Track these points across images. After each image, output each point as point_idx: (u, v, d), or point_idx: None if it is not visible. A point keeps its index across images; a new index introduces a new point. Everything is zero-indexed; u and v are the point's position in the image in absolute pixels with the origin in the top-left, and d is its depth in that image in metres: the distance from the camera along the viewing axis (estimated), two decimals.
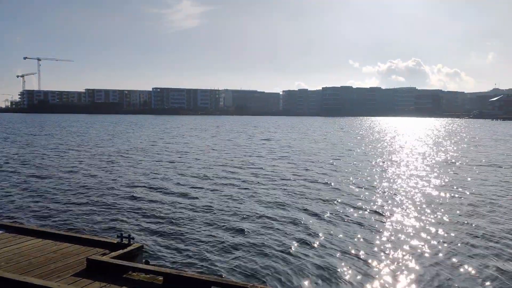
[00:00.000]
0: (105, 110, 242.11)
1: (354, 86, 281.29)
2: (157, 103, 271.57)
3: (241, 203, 16.51)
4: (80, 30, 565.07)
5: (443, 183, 21.49)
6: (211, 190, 19.17)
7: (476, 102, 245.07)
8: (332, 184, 21.06)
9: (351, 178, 22.91)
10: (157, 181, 21.56)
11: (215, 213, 14.82)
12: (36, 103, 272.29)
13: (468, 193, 18.91)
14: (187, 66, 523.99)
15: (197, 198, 17.52)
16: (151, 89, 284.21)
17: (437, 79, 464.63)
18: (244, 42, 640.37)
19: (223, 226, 13.23)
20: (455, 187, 20.25)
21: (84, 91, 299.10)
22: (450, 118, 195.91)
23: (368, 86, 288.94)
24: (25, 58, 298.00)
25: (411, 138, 61.98)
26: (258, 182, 21.48)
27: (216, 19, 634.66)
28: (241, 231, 12.63)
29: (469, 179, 23.10)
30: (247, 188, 19.76)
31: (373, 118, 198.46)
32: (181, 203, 16.50)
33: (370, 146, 45.78)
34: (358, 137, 61.79)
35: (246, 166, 28.07)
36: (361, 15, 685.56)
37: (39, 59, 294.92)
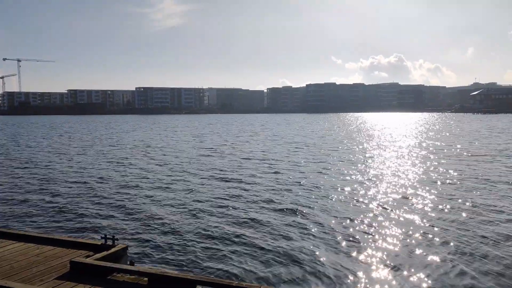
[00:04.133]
0: (89, 110, 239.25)
1: (337, 83, 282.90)
2: (141, 103, 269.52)
3: (231, 203, 16.51)
4: (61, 30, 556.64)
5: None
6: (200, 189, 19.13)
7: (457, 96, 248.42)
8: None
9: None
10: (142, 181, 21.41)
11: (203, 213, 14.80)
12: (17, 104, 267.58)
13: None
14: (171, 65, 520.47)
15: (186, 198, 17.46)
16: (134, 89, 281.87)
17: (419, 74, 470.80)
18: (228, 40, 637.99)
19: (210, 225, 13.22)
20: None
21: (66, 92, 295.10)
22: (432, 113, 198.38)
23: (351, 83, 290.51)
24: (4, 59, 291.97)
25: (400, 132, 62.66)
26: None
27: (198, 17, 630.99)
28: (229, 231, 12.64)
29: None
30: (243, 188, 19.75)
31: (358, 114, 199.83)
32: (167, 203, 16.44)
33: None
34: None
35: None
36: (343, 12, 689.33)
37: (19, 60, 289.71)
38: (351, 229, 12.55)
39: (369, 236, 11.89)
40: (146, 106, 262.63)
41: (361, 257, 10.34)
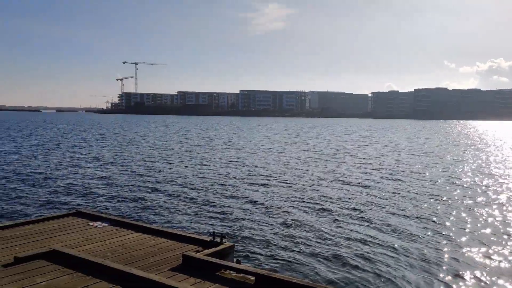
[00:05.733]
0: (194, 111, 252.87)
1: (449, 88, 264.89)
2: (244, 105, 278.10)
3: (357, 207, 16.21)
4: (173, 35, 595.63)
5: None
6: (310, 191, 19.08)
7: None
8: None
9: None
10: (251, 181, 21.91)
11: (316, 218, 14.70)
12: (133, 104, 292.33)
13: None
14: (273, 68, 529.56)
15: (301, 203, 17.52)
16: (238, 92, 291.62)
17: None
18: (331, 43, 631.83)
19: (323, 231, 13.05)
20: None
21: (176, 93, 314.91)
22: None
23: (465, 88, 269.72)
24: (124, 62, 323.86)
25: None
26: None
27: (301, 20, 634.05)
28: (343, 238, 12.38)
29: None
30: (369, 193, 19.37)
31: (472, 122, 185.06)
32: (280, 206, 16.58)
33: None
34: None
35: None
36: (456, 12, 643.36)
37: (136, 64, 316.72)
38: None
39: None
40: (249, 109, 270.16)
41: None
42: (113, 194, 18.51)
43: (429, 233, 12.90)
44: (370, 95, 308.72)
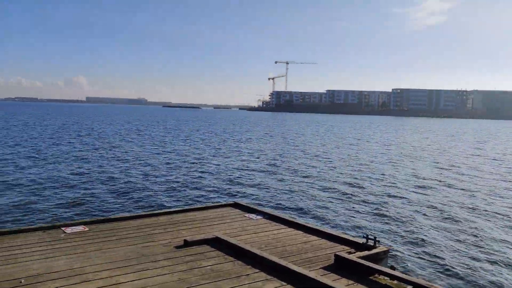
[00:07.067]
0: (343, 110, 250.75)
1: None
2: (396, 104, 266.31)
3: None
4: (322, 33, 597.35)
5: None
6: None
7: None
8: None
9: None
10: (415, 185, 20.94)
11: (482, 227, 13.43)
12: (282, 102, 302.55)
13: None
14: (428, 65, 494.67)
15: (466, 210, 16.24)
16: (390, 90, 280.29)
17: None
18: (497, 39, 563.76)
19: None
20: None
21: (325, 92, 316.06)
22: None
23: None
24: (276, 62, 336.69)
25: None
26: None
27: (464, 13, 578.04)
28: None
29: None
30: None
31: None
32: (442, 210, 15.56)
33: None
34: None
35: None
36: None
37: (287, 63, 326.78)
38: None
39: None
40: (401, 108, 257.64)
41: None
42: (268, 188, 19.43)
43: None
44: None
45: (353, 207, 15.66)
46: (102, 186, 19.23)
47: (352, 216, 14.33)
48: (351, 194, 18.09)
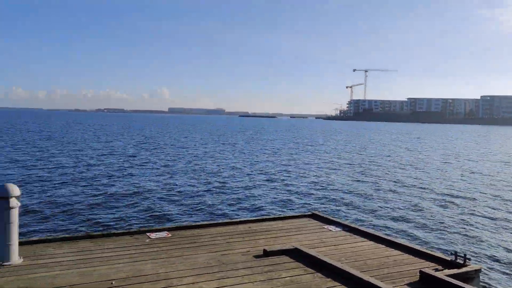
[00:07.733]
0: (425, 119, 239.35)
1: None
2: (485, 112, 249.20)
3: None
4: (404, 40, 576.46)
5: None
6: None
7: None
8: None
9: None
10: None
11: None
12: (361, 111, 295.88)
13: None
14: None
15: None
16: (477, 97, 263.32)
17: None
18: None
19: None
20: None
21: (406, 100, 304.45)
22: None
23: None
24: (354, 70, 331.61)
25: None
26: None
27: None
28: None
29: None
30: None
31: None
32: None
33: None
34: None
35: None
36: None
37: (366, 71, 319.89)
38: None
39: None
40: (491, 116, 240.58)
41: None
42: (346, 200, 19.02)
43: None
44: None
45: (441, 221, 14.79)
46: (182, 195, 20.01)
47: (439, 232, 13.53)
48: (439, 209, 17.13)
